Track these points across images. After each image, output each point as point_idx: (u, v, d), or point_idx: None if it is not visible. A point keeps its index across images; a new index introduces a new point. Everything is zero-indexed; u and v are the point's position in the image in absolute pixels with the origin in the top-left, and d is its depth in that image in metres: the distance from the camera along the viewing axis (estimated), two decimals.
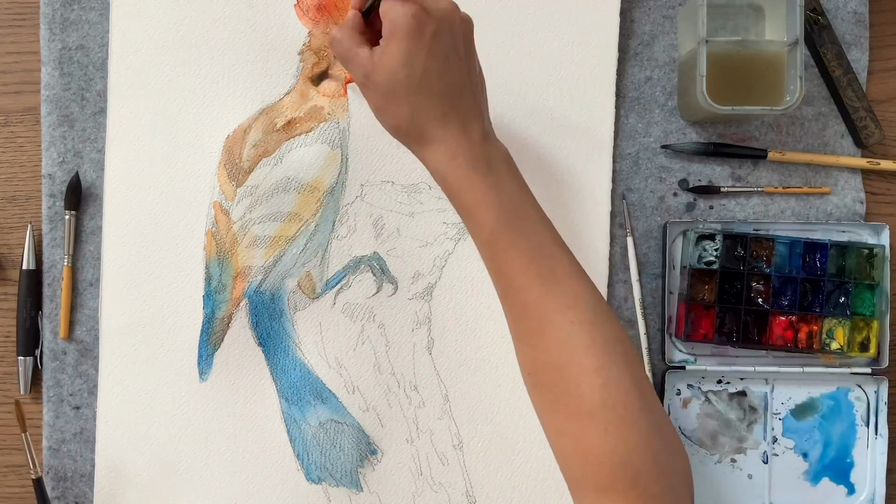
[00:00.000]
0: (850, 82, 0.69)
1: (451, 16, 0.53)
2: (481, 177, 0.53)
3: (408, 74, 0.52)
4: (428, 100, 0.53)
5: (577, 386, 0.51)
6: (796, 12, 0.63)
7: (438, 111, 0.53)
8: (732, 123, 0.69)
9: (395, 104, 0.53)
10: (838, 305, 0.67)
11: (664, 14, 0.69)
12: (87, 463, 0.68)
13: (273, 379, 0.68)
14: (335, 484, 0.68)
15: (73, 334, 0.69)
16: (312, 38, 0.68)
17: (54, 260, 0.69)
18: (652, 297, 0.69)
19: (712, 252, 0.67)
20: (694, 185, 0.69)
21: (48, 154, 0.69)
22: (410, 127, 0.54)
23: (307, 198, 0.68)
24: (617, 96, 0.69)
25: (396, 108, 0.53)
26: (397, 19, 0.51)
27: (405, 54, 0.51)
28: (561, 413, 0.52)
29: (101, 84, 0.69)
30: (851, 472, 0.68)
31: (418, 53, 0.52)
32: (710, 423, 0.68)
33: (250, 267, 0.68)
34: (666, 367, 0.68)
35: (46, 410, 0.69)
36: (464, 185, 0.53)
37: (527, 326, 0.53)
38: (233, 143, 0.68)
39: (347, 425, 0.68)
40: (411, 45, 0.51)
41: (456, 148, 0.53)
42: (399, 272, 0.68)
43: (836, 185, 0.69)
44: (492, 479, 0.68)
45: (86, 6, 0.69)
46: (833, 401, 0.68)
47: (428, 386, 0.68)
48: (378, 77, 0.53)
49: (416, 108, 0.53)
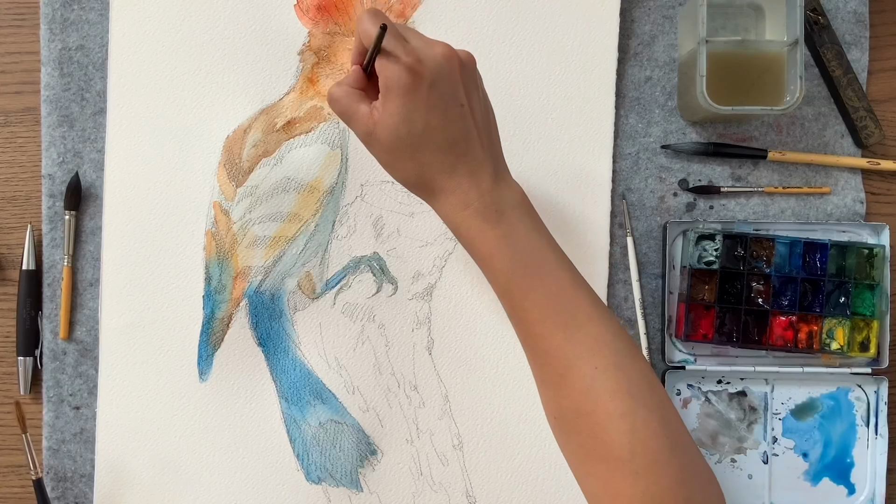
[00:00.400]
0: (850, 82, 0.69)
1: (449, 63, 0.51)
2: (492, 227, 0.52)
3: (409, 131, 0.50)
4: (433, 154, 0.51)
5: (604, 432, 0.49)
6: (796, 12, 0.63)
7: (444, 164, 0.52)
8: (732, 123, 0.69)
9: (401, 161, 0.52)
10: (838, 305, 0.67)
11: (664, 14, 0.69)
12: (87, 463, 0.68)
13: (273, 379, 0.68)
14: (335, 484, 0.68)
15: (73, 334, 0.69)
16: (312, 38, 0.68)
17: (54, 260, 0.69)
18: (652, 297, 0.69)
19: (712, 252, 0.67)
20: (694, 185, 0.69)
21: (48, 154, 0.69)
22: (418, 181, 0.53)
23: (307, 198, 0.68)
24: (617, 96, 0.69)
25: (402, 164, 0.52)
26: (392, 76, 0.50)
27: (404, 111, 0.50)
28: (590, 457, 0.51)
29: (100, 84, 0.69)
30: (851, 472, 0.68)
31: (417, 109, 0.50)
32: (711, 423, 0.68)
33: (250, 267, 0.68)
34: (666, 367, 0.68)
35: (46, 411, 0.69)
36: (475, 235, 0.52)
37: (549, 373, 0.52)
38: (233, 143, 0.68)
39: (347, 425, 0.68)
40: (409, 102, 0.50)
41: (465, 198, 0.52)
42: (399, 272, 0.68)
43: (836, 185, 0.69)
44: (492, 480, 0.68)
45: (86, 6, 0.69)
46: (833, 401, 0.68)
47: (428, 386, 0.68)
48: (380, 135, 0.51)
49: (421, 163, 0.51)
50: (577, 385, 0.50)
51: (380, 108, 0.51)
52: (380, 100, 0.51)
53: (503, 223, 0.52)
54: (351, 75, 0.53)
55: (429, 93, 0.50)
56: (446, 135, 0.51)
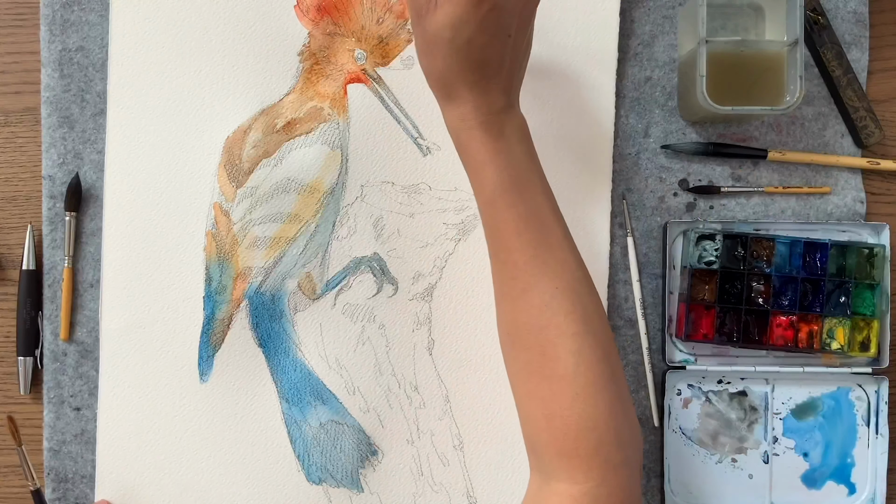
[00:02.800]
0: (850, 82, 0.69)
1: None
2: (491, 139, 0.54)
3: (452, 37, 0.52)
4: (462, 64, 0.53)
5: (553, 348, 0.52)
6: (796, 12, 0.63)
7: (469, 77, 0.53)
8: (732, 123, 0.69)
9: (433, 55, 0.54)
10: (839, 305, 0.67)
11: (664, 14, 0.69)
12: (87, 464, 0.68)
13: (273, 380, 0.68)
14: (336, 485, 0.68)
15: (74, 336, 0.69)
16: (312, 39, 0.68)
17: (55, 261, 0.69)
18: (652, 297, 0.69)
19: (712, 252, 0.67)
20: (694, 185, 0.69)
21: (48, 155, 0.69)
22: (439, 80, 0.55)
23: (307, 199, 0.68)
24: (617, 96, 0.69)
25: (433, 59, 0.54)
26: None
27: (456, 19, 0.51)
28: (534, 375, 0.53)
29: (101, 85, 0.69)
30: (852, 472, 0.68)
31: (468, 22, 0.51)
32: (711, 423, 0.68)
33: (250, 268, 0.68)
34: (666, 367, 0.68)
35: (47, 412, 0.69)
36: (474, 144, 0.55)
37: (512, 286, 0.55)
38: (233, 144, 0.68)
39: (348, 426, 0.68)
40: (464, 14, 0.51)
41: (475, 111, 0.54)
42: (399, 273, 0.68)
43: (836, 185, 0.69)
44: (492, 480, 0.68)
45: (86, 7, 0.69)
46: (833, 401, 0.69)
47: (428, 386, 0.68)
48: (428, 24, 0.52)
49: (450, 67, 0.53)
50: (536, 300, 0.53)
51: (437, 2, 0.52)
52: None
53: (502, 140, 0.55)
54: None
55: (487, 14, 0.51)
56: (483, 55, 0.53)
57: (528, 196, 0.55)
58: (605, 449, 0.51)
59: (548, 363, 0.53)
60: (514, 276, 0.55)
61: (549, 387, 0.52)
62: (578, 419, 0.51)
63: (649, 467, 0.69)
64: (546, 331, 0.53)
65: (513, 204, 0.54)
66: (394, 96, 0.68)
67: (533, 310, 0.54)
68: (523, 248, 0.54)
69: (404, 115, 0.68)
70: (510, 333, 0.56)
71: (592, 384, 0.52)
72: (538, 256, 0.54)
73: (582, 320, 0.53)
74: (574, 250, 0.56)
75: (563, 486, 0.51)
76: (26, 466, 0.66)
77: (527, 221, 0.54)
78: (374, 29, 0.68)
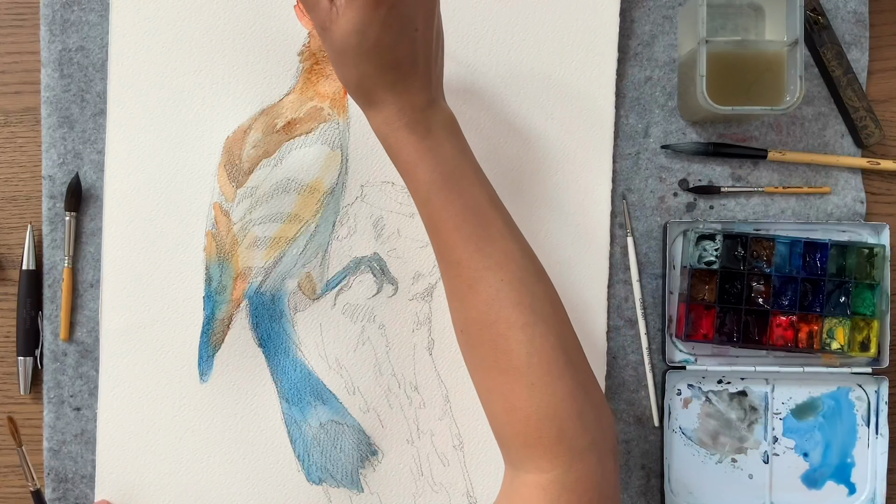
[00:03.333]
0: (850, 82, 0.69)
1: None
2: (419, 139, 0.54)
3: (359, 42, 0.52)
4: (376, 68, 0.53)
5: (504, 341, 0.52)
6: (796, 12, 0.63)
7: (385, 79, 0.53)
8: (732, 123, 0.69)
9: (345, 65, 0.54)
10: (839, 305, 0.67)
11: (664, 14, 0.69)
12: (87, 464, 0.68)
13: (273, 380, 0.68)
14: (336, 485, 0.68)
15: (74, 336, 0.69)
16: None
17: (55, 261, 0.69)
18: (652, 297, 0.69)
19: (712, 252, 0.67)
20: (694, 185, 0.69)
21: (48, 155, 0.69)
22: (358, 88, 0.55)
23: (307, 199, 0.68)
24: (617, 96, 0.69)
25: (346, 68, 0.54)
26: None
27: (359, 23, 0.51)
28: (491, 370, 0.53)
29: (101, 85, 0.69)
30: (852, 472, 0.68)
31: (372, 24, 0.51)
32: (711, 423, 0.68)
33: (250, 268, 0.68)
34: (666, 367, 0.68)
35: (47, 412, 0.69)
36: (402, 145, 0.54)
37: (459, 283, 0.55)
38: (233, 144, 0.68)
39: (348, 426, 0.68)
40: (367, 16, 0.51)
41: (398, 112, 0.54)
42: (399, 273, 0.68)
43: (836, 185, 0.69)
44: (492, 480, 0.68)
45: (86, 7, 0.69)
46: (833, 401, 0.69)
47: (428, 386, 0.68)
48: (333, 35, 0.53)
49: (364, 72, 0.53)
50: (482, 296, 0.53)
51: (340, 10, 0.52)
52: (343, 4, 0.52)
53: (430, 138, 0.54)
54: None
55: (388, 12, 0.51)
56: (394, 55, 0.53)
57: (464, 190, 0.55)
58: (567, 435, 0.51)
59: (501, 357, 0.53)
60: (458, 272, 0.55)
61: (506, 380, 0.53)
62: (538, 408, 0.51)
63: (649, 467, 0.69)
64: (496, 325, 0.53)
65: (448, 200, 0.54)
66: None
67: (481, 305, 0.53)
68: (464, 243, 0.54)
69: None
70: (463, 331, 0.56)
71: (548, 373, 0.52)
72: (480, 250, 0.54)
73: (530, 310, 0.53)
74: (518, 239, 0.55)
75: (532, 476, 0.52)
76: (26, 467, 0.66)
77: (464, 216, 0.54)
78: None
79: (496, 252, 0.54)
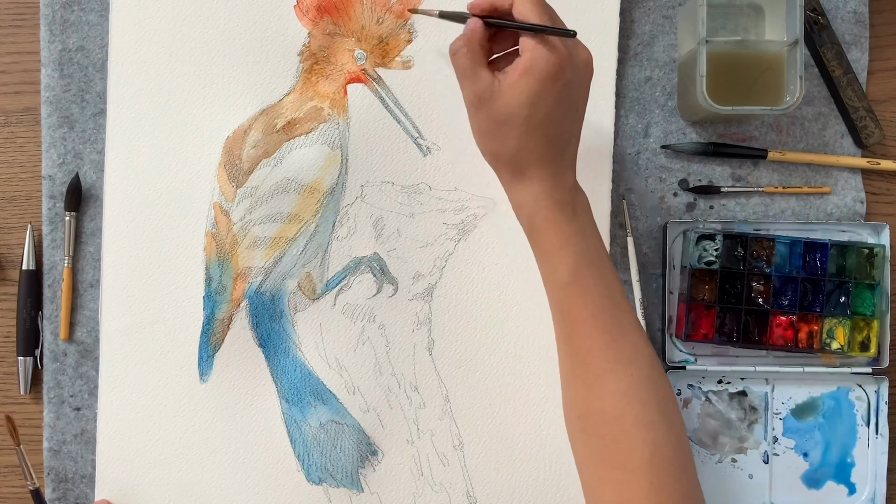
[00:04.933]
0: (850, 82, 0.69)
1: (588, 69, 0.54)
2: (567, 220, 0.54)
3: (529, 115, 0.52)
4: (538, 141, 0.53)
5: (627, 438, 0.52)
6: (796, 12, 0.63)
7: (544, 154, 0.53)
8: (732, 123, 0.69)
9: (505, 136, 0.53)
10: (839, 305, 0.67)
11: (664, 14, 0.69)
12: (87, 464, 0.68)
13: (273, 380, 0.68)
14: (336, 485, 0.68)
15: (74, 336, 0.69)
16: (312, 39, 0.68)
17: (55, 261, 0.69)
18: (652, 298, 0.69)
19: (712, 252, 0.67)
20: (694, 185, 0.69)
21: (48, 155, 0.69)
22: (511, 160, 0.54)
23: (307, 199, 0.68)
24: (617, 96, 0.69)
25: (504, 139, 0.53)
26: (539, 60, 0.51)
27: (535, 95, 0.51)
28: (607, 463, 0.52)
29: (101, 85, 0.69)
30: (852, 472, 0.68)
31: (547, 98, 0.52)
32: (711, 423, 0.68)
33: (250, 268, 0.68)
34: (666, 367, 0.68)
35: (47, 412, 0.69)
36: (550, 225, 0.54)
37: (585, 371, 0.54)
38: (233, 144, 0.68)
39: (348, 426, 0.68)
40: (544, 89, 0.51)
41: (550, 190, 0.54)
42: (399, 273, 0.68)
43: (836, 185, 0.69)
44: (492, 480, 0.68)
45: (86, 7, 0.69)
46: (833, 401, 0.69)
47: (428, 386, 0.68)
48: (497, 105, 0.52)
49: (524, 145, 0.53)
50: (611, 387, 0.52)
51: (509, 81, 0.52)
52: (512, 74, 0.52)
53: (577, 220, 0.54)
54: (477, 32, 0.53)
55: (563, 89, 0.52)
56: (558, 130, 0.53)
57: (603, 277, 0.54)
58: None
59: (622, 451, 0.52)
60: (587, 361, 0.54)
61: (623, 474, 0.52)
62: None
63: None
64: (622, 420, 0.52)
65: (588, 288, 0.54)
66: (394, 96, 0.68)
67: (607, 397, 0.53)
68: (598, 333, 0.53)
69: (404, 115, 0.68)
70: (582, 418, 0.54)
71: (668, 474, 0.51)
72: (614, 342, 0.53)
73: (657, 409, 0.52)
74: (644, 332, 0.55)
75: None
76: (25, 466, 0.66)
77: (602, 305, 0.54)
78: (374, 29, 0.68)
79: (628, 345, 0.53)
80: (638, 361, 0.53)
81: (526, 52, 0.52)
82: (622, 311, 0.54)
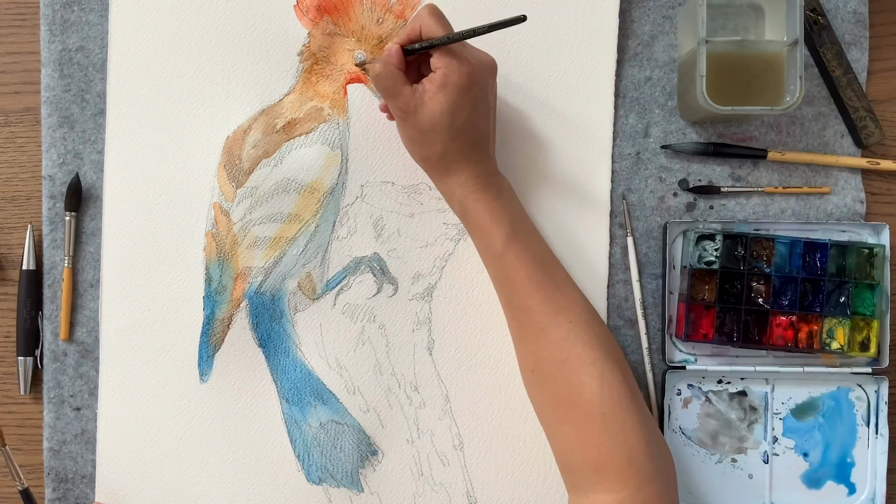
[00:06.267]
0: (850, 82, 0.69)
1: (492, 71, 0.60)
2: (494, 198, 0.61)
3: (450, 123, 0.58)
4: (461, 143, 0.59)
5: (577, 376, 0.58)
6: (796, 12, 0.63)
7: (466, 152, 0.60)
8: (732, 123, 0.69)
9: (430, 142, 0.59)
10: (838, 305, 0.67)
11: (664, 14, 0.69)
12: (87, 464, 0.68)
13: (273, 380, 0.68)
14: (336, 485, 0.68)
15: (74, 336, 0.69)
16: (312, 39, 0.68)
17: (55, 261, 0.69)
18: (652, 297, 0.69)
19: (712, 252, 0.67)
20: (694, 185, 0.69)
21: (48, 155, 0.69)
22: (439, 162, 0.60)
23: (307, 199, 0.68)
24: (617, 96, 0.69)
25: (431, 144, 0.59)
26: (452, 75, 0.57)
27: (452, 105, 0.57)
28: (563, 403, 0.58)
29: (101, 85, 0.69)
30: (852, 472, 0.68)
31: (463, 106, 0.58)
32: (711, 423, 0.68)
33: (250, 268, 0.68)
34: (666, 367, 0.68)
35: (47, 412, 0.69)
36: (480, 205, 0.60)
37: (531, 327, 0.60)
38: (233, 144, 0.68)
39: (348, 426, 0.68)
40: (459, 99, 0.57)
41: (475, 178, 0.60)
42: (399, 273, 0.68)
43: (836, 185, 0.69)
44: (492, 480, 0.68)
45: (86, 7, 0.69)
46: (833, 400, 0.69)
47: (428, 386, 0.68)
48: (420, 117, 0.58)
49: (449, 148, 0.59)
50: (554, 336, 0.59)
51: (429, 94, 0.58)
52: (430, 87, 0.58)
53: (501, 198, 0.61)
54: (394, 56, 0.58)
55: (477, 94, 0.58)
56: (476, 130, 0.60)
57: (532, 243, 0.61)
58: (637, 460, 0.56)
59: (574, 390, 0.58)
60: (530, 317, 0.60)
61: (579, 411, 0.57)
62: (609, 436, 0.56)
63: None
64: (568, 362, 0.58)
65: (520, 253, 0.60)
66: None
67: (552, 345, 0.59)
68: (535, 291, 0.60)
69: None
70: (534, 371, 0.60)
71: (617, 403, 0.57)
72: (549, 296, 0.60)
73: (598, 347, 0.58)
74: (575, 284, 0.62)
75: (601, 497, 0.55)
76: (12, 466, 0.66)
77: (535, 266, 0.60)
78: (374, 29, 0.68)
79: (563, 297, 0.60)
80: (574, 310, 0.60)
81: (439, 69, 0.57)
82: (554, 269, 0.62)
